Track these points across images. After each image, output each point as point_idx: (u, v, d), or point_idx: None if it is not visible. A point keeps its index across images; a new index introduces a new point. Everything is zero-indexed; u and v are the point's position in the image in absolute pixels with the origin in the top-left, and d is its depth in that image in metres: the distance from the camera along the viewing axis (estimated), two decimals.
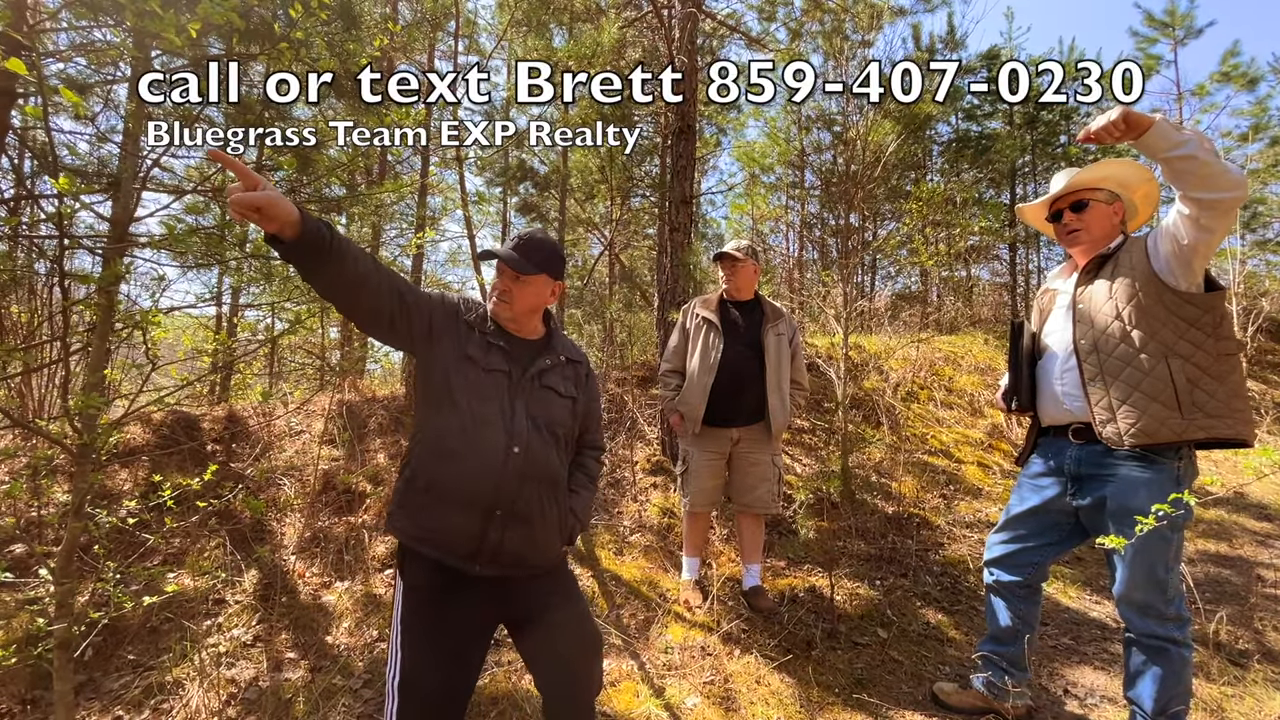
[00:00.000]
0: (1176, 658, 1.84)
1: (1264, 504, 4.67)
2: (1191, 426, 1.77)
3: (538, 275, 1.57)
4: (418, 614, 1.45)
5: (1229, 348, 1.80)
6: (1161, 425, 1.79)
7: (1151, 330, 1.83)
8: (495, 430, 1.46)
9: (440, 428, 1.46)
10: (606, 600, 2.97)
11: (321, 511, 3.42)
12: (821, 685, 2.41)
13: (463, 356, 1.50)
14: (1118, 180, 2.03)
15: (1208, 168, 1.65)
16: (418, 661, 1.42)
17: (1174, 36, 11.30)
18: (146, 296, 1.95)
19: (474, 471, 1.43)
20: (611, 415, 4.76)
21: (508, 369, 1.54)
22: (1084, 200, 2.03)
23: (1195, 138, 1.66)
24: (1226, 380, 1.78)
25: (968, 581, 3.37)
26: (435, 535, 1.43)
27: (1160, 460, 1.82)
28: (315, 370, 6.86)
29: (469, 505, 1.43)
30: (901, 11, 5.91)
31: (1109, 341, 1.90)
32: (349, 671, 2.44)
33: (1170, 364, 1.80)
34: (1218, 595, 3.25)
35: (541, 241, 1.60)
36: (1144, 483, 1.82)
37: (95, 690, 2.30)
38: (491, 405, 1.48)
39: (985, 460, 5.07)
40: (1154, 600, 1.85)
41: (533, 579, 1.55)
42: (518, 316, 1.61)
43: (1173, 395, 1.78)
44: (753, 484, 2.87)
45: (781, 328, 2.91)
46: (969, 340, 7.84)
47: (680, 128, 4.55)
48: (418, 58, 7.58)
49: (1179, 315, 1.81)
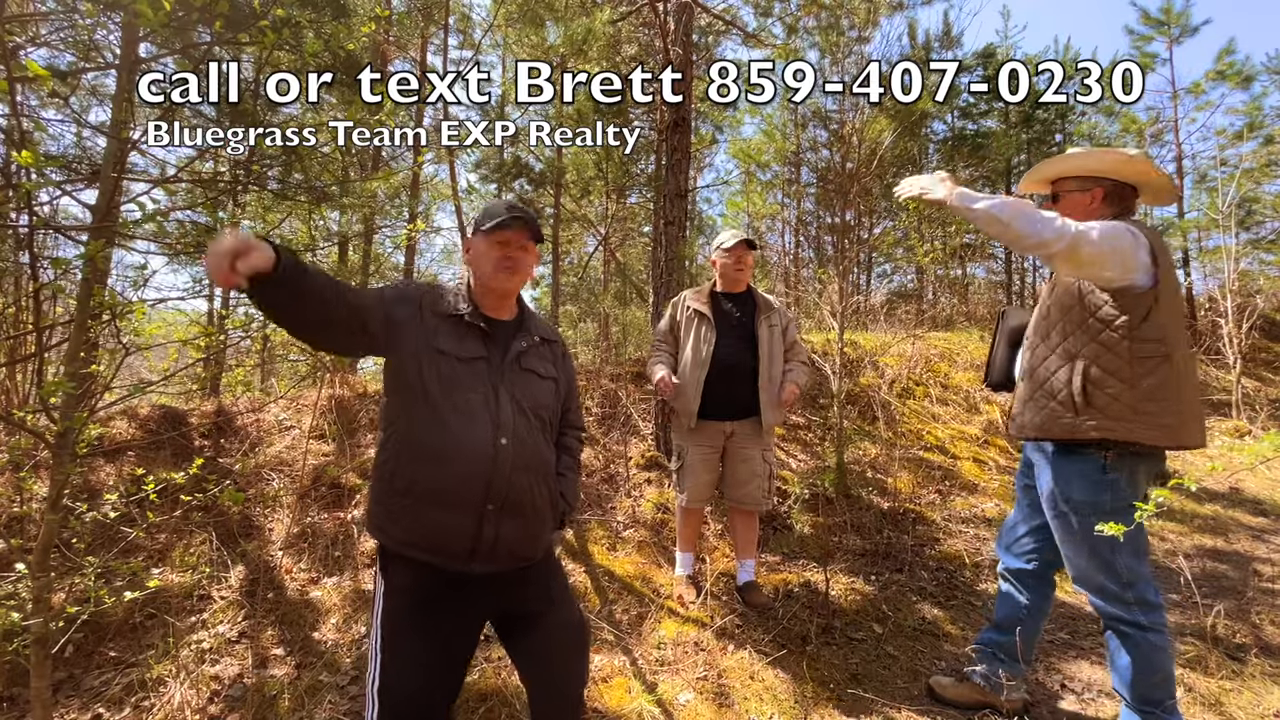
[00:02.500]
0: (1142, 642, 1.81)
1: (1259, 499, 4.66)
2: (1084, 426, 1.79)
3: (538, 244, 1.57)
4: (402, 617, 1.40)
5: (1148, 350, 1.74)
6: (1054, 423, 1.85)
7: (1066, 329, 1.87)
8: (480, 423, 1.41)
9: (416, 425, 1.39)
10: (599, 596, 2.93)
11: (310, 507, 3.38)
12: (816, 680, 2.38)
13: (433, 351, 1.42)
14: (1082, 169, 1.99)
15: (1003, 236, 1.79)
16: (400, 667, 1.36)
17: (1169, 34, 11.32)
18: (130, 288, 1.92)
19: (461, 470, 1.38)
20: (606, 411, 4.72)
21: (486, 354, 1.47)
22: (1055, 193, 2.06)
23: (984, 214, 1.77)
24: (1138, 384, 1.74)
25: (963, 576, 3.35)
26: (424, 538, 1.38)
27: (1083, 451, 1.85)
28: (308, 368, 6.80)
29: (459, 505, 1.38)
30: (900, 5, 5.88)
31: (1038, 337, 1.97)
32: (335, 668, 2.39)
33: (1075, 365, 1.82)
34: (1215, 590, 3.23)
35: (530, 211, 1.58)
36: (1066, 471, 1.88)
37: (75, 687, 2.25)
38: (474, 396, 1.42)
39: (981, 456, 5.06)
40: (1106, 583, 1.85)
41: (523, 571, 1.50)
42: (516, 289, 1.57)
43: (1069, 395, 1.81)
44: (744, 479, 2.83)
45: (775, 319, 2.86)
46: (964, 337, 7.83)
47: (675, 120, 4.51)
48: (411, 54, 7.54)
49: (1095, 315, 1.81)
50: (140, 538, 2.77)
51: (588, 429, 4.51)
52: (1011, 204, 1.77)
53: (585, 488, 3.87)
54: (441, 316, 1.47)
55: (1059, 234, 1.70)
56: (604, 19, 3.62)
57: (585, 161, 7.84)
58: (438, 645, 1.40)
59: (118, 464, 3.34)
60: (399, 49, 6.63)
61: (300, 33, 2.18)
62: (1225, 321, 7.50)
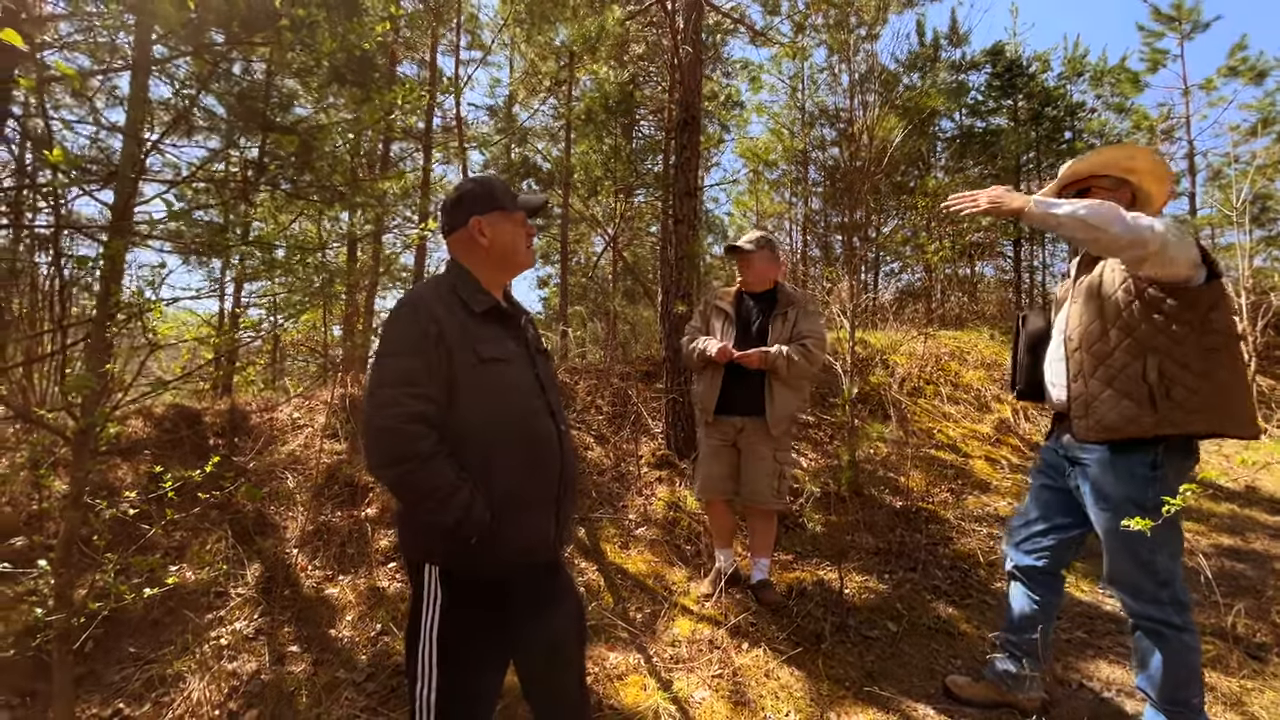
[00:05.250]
0: (1175, 641, 1.80)
1: (1275, 497, 4.61)
2: (1163, 423, 1.76)
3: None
4: (469, 633, 1.36)
5: (1215, 341, 1.75)
6: (1130, 422, 1.80)
7: (1129, 326, 1.83)
8: (544, 420, 1.44)
9: (494, 438, 1.36)
10: (612, 594, 2.93)
11: (325, 505, 3.39)
12: (832, 679, 2.37)
13: (480, 362, 1.35)
14: (1119, 166, 1.98)
15: (1097, 241, 1.74)
16: (468, 680, 1.37)
17: (1180, 31, 11.23)
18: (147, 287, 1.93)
19: (544, 473, 1.41)
20: (616, 409, 4.72)
21: (520, 349, 1.47)
22: (1086, 188, 2.00)
23: (1069, 220, 1.73)
24: (1212, 375, 1.74)
25: (978, 575, 3.33)
26: (511, 552, 1.37)
27: (1137, 447, 1.82)
28: (319, 368, 6.83)
29: (542, 505, 1.42)
30: (910, 2, 5.85)
31: (1090, 335, 1.91)
32: (352, 665, 2.41)
33: (1147, 360, 1.78)
34: (1234, 589, 3.20)
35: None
36: (1117, 468, 1.84)
37: (96, 682, 2.28)
38: (532, 396, 1.44)
39: (993, 455, 5.03)
40: (1143, 582, 1.84)
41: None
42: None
43: (1145, 392, 1.77)
44: (752, 477, 2.81)
45: (790, 313, 2.85)
46: (974, 335, 7.78)
47: (684, 119, 4.50)
48: (421, 54, 7.56)
49: (1159, 310, 1.78)
50: (158, 535, 2.79)
51: (598, 427, 4.52)
52: (1100, 206, 1.74)
53: (597, 486, 3.88)
54: (464, 319, 1.38)
55: (1154, 233, 1.68)
56: (616, 18, 3.61)
57: (593, 161, 7.85)
58: (503, 655, 1.45)
59: (134, 462, 3.37)
60: (408, 49, 6.65)
61: (315, 32, 2.19)
62: (1240, 319, 7.42)
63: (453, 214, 1.50)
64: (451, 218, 1.50)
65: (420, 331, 1.32)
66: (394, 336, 1.35)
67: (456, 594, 1.35)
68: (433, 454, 1.27)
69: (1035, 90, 11.19)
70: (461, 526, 1.27)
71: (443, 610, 1.34)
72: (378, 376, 1.33)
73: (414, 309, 1.35)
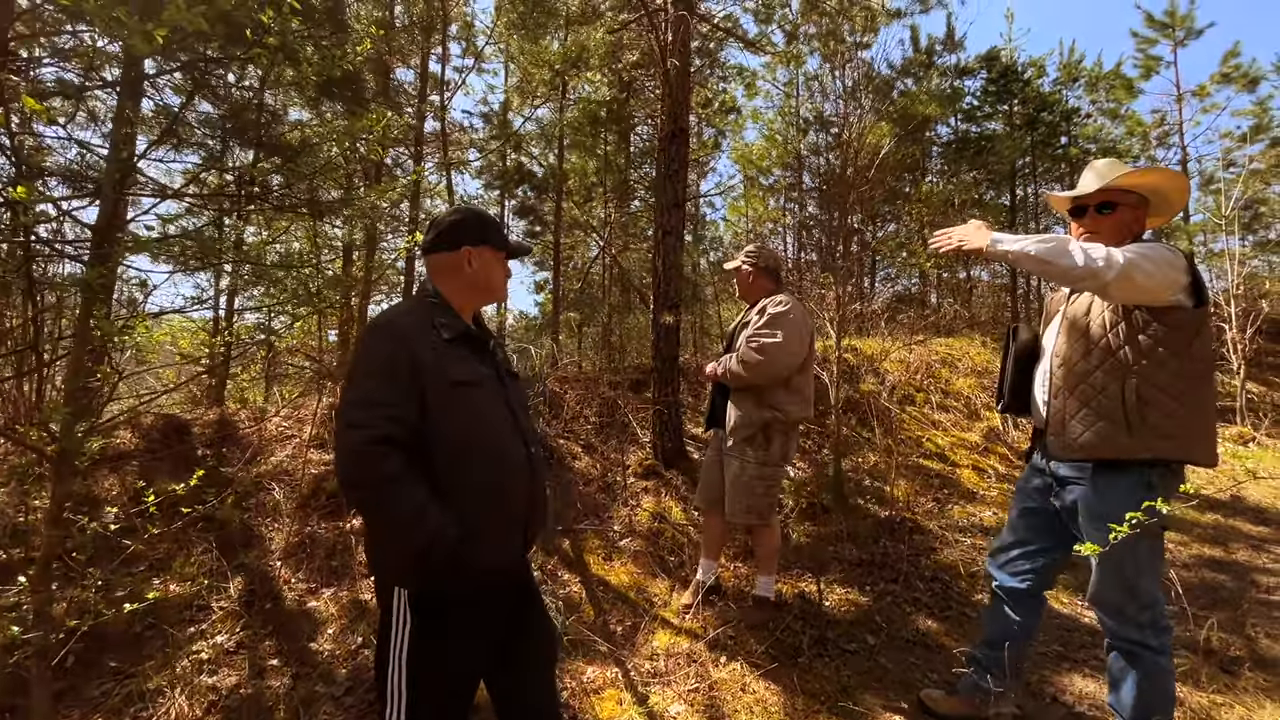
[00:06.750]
0: (1151, 664, 1.82)
1: (1261, 507, 4.63)
2: (1138, 446, 1.77)
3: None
4: (438, 657, 1.37)
5: (1196, 369, 1.76)
6: (1106, 442, 1.81)
7: (1113, 346, 1.83)
8: (514, 442, 1.46)
9: (463, 460, 1.38)
10: (594, 606, 2.95)
11: (310, 516, 3.41)
12: (807, 693, 2.39)
13: (451, 385, 1.37)
14: (1154, 189, 1.96)
15: (1047, 274, 1.82)
16: (437, 703, 1.39)
17: (1174, 37, 11.28)
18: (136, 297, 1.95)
19: (512, 496, 1.44)
20: (604, 419, 4.74)
21: (490, 372, 1.49)
22: (1112, 202, 1.95)
23: (1020, 255, 1.79)
24: (1188, 400, 1.75)
25: (959, 587, 3.35)
26: (479, 573, 1.38)
27: (1128, 468, 1.81)
28: (313, 376, 6.84)
29: (510, 528, 1.45)
30: (898, 14, 5.89)
31: (1074, 353, 1.91)
32: (331, 679, 2.43)
33: (1126, 382, 1.78)
34: (1211, 601, 3.22)
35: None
36: (1113, 489, 1.82)
37: (76, 697, 2.29)
38: (502, 419, 1.47)
39: (981, 464, 5.05)
40: (1124, 604, 1.85)
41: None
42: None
43: (1122, 415, 1.78)
44: (728, 490, 2.83)
45: (752, 319, 2.83)
46: (966, 343, 7.81)
47: (673, 131, 4.53)
48: (413, 63, 7.58)
49: (1145, 332, 1.79)
50: (141, 548, 2.81)
51: (586, 437, 4.54)
52: (1050, 241, 1.76)
53: (582, 496, 3.90)
54: (436, 342, 1.40)
55: (1108, 262, 1.69)
56: (598, 39, 3.64)
57: (587, 168, 7.87)
58: (474, 675, 1.48)
59: (121, 474, 3.39)
60: (401, 58, 6.69)
61: (299, 51, 2.22)
62: (1229, 326, 7.45)
63: (443, 236, 1.52)
64: (440, 239, 1.52)
65: (392, 353, 1.34)
66: (366, 357, 1.38)
67: (425, 617, 1.36)
68: (398, 476, 1.28)
69: (1030, 96, 11.22)
70: (428, 552, 1.28)
71: (411, 634, 1.36)
72: (349, 396, 1.36)
73: (388, 331, 1.38)
